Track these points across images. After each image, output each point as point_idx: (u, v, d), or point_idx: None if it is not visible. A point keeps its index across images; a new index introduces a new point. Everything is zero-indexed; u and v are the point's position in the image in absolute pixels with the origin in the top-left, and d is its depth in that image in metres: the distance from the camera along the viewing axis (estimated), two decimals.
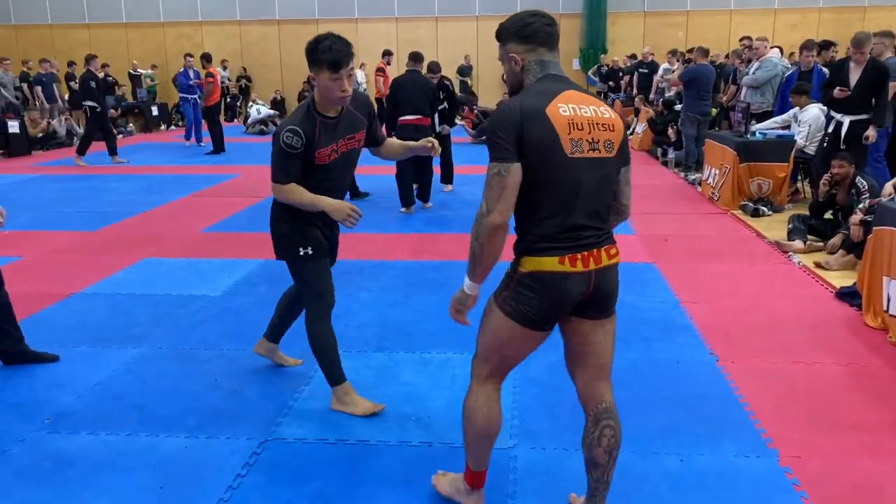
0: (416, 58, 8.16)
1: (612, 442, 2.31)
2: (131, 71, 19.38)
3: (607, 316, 2.29)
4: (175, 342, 4.25)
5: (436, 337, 4.24)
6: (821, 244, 6.06)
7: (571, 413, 3.28)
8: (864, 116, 6.80)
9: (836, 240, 5.87)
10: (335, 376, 3.33)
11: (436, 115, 8.53)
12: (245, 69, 21.05)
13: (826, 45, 10.31)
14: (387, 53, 13.28)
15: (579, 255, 2.14)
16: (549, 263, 2.13)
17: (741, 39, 12.03)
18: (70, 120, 15.70)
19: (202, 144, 13.78)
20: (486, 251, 2.13)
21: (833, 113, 7.06)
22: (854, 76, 6.84)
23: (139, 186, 9.88)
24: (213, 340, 4.27)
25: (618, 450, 2.34)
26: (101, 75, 13.16)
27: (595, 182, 2.15)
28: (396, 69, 16.51)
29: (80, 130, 16.04)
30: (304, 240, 3.14)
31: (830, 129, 7.07)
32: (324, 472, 2.88)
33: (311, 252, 3.15)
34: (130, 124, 17.37)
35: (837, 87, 6.85)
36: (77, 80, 13.50)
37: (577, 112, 2.11)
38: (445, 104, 8.70)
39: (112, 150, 12.22)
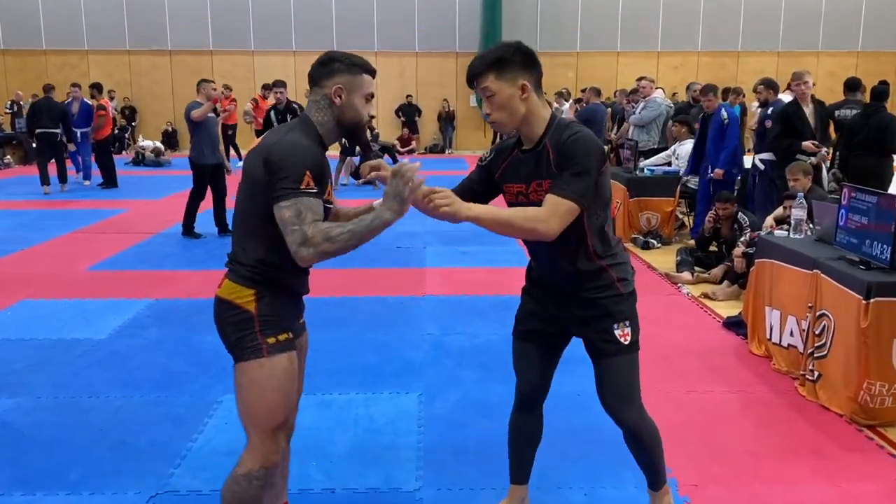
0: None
1: None
2: (11, 100, 18.30)
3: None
4: (56, 390, 3.97)
5: (337, 377, 4.15)
6: (707, 275, 6.36)
7: (477, 451, 3.28)
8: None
9: (718, 270, 6.21)
10: (510, 476, 2.76)
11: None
12: (127, 99, 20.30)
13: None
14: (265, 87, 13.86)
15: None
16: None
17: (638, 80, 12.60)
18: None
19: (87, 184, 13.10)
20: None
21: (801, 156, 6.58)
22: (811, 117, 6.73)
23: (17, 222, 9.27)
24: (98, 387, 4.02)
25: None
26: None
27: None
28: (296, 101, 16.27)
29: None
30: None
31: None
32: None
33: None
34: (8, 156, 16.39)
35: (812, 142, 6.60)
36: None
37: None
38: None
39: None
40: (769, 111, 7.13)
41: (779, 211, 5.92)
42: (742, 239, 5.80)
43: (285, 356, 2.15)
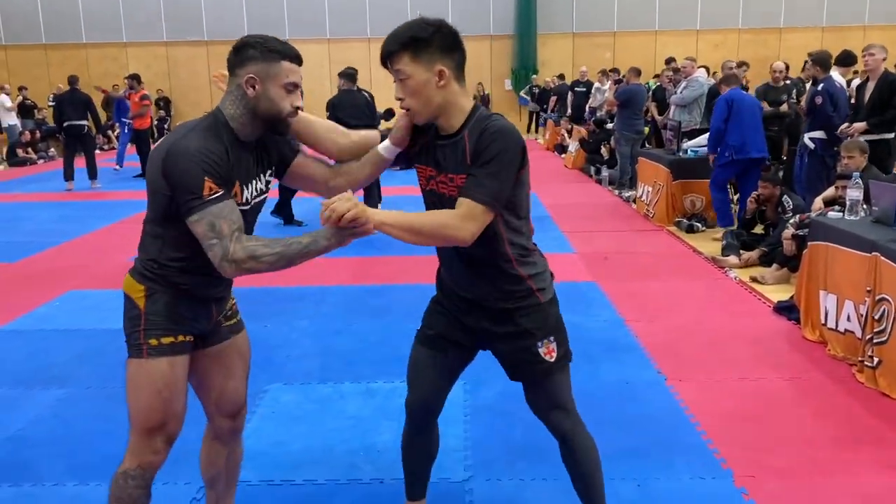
0: (349, 76, 8.00)
1: None
2: (54, 93, 18.69)
3: None
4: (103, 381, 4.01)
5: (381, 365, 4.12)
6: (755, 258, 6.20)
7: (525, 440, 3.22)
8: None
9: (754, 254, 6.06)
10: (406, 492, 2.54)
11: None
12: (161, 91, 20.55)
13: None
14: None
15: None
16: None
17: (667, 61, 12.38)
18: None
19: (118, 168, 13.48)
20: None
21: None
22: (867, 93, 6.59)
23: (61, 214, 9.44)
24: None
25: None
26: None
27: None
28: (329, 90, 16.40)
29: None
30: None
31: None
32: None
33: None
34: (52, 149, 16.71)
35: (843, 127, 6.51)
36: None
37: None
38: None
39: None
40: (819, 88, 6.90)
41: (829, 192, 5.73)
42: (792, 221, 5.62)
43: (165, 360, 2.05)
